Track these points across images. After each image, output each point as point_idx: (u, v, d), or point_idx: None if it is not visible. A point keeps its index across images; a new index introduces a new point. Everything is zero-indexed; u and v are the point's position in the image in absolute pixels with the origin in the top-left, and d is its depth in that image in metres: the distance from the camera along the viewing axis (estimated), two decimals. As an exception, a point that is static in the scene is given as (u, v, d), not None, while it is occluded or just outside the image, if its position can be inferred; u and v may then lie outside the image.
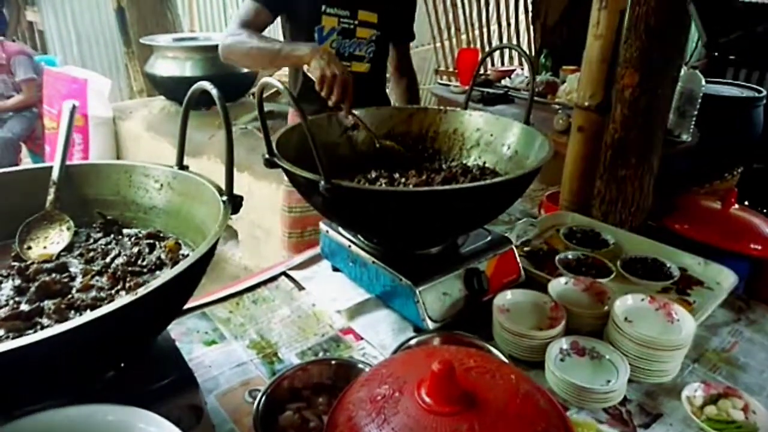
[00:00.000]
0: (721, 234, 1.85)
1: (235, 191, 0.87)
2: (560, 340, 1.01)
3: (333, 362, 0.92)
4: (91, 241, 0.96)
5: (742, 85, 3.04)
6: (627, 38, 1.53)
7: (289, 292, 1.30)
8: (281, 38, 1.77)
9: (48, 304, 0.76)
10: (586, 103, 1.61)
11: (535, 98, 3.43)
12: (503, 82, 3.73)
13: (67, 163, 1.02)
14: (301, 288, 1.31)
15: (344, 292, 1.28)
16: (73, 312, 0.76)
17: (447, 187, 1.15)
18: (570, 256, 1.34)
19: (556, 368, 0.95)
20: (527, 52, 1.42)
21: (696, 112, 2.47)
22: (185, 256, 0.90)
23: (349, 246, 1.26)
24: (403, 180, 1.27)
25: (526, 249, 1.44)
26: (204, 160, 3.03)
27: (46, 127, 3.89)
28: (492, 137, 1.36)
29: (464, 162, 1.39)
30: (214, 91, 0.88)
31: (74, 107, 1.04)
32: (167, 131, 3.46)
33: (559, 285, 1.16)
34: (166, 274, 0.66)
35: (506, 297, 1.11)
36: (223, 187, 0.90)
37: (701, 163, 2.59)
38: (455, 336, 1.01)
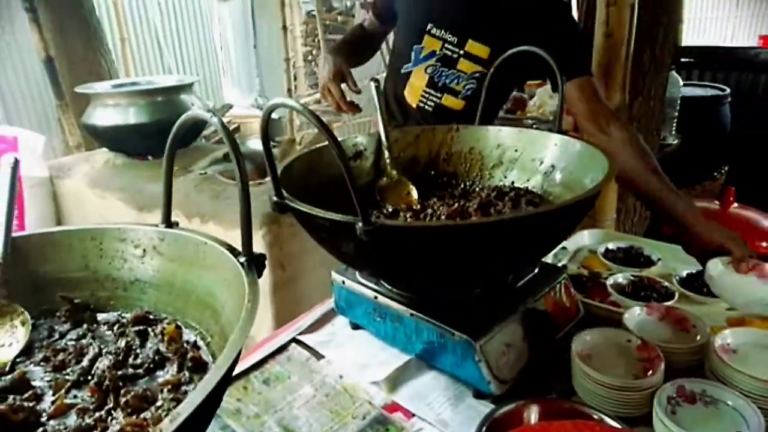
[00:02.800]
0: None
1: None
2: (664, 386, 0.82)
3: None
4: (57, 336, 0.70)
5: (706, 85, 3.07)
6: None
7: (305, 364, 1.06)
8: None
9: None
10: (602, 109, 1.48)
11: (505, 115, 3.35)
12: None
13: (13, 235, 0.77)
14: (319, 357, 1.08)
15: (374, 356, 1.05)
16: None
17: (529, 212, 0.95)
18: (621, 280, 1.18)
19: (672, 424, 0.76)
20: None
21: (677, 114, 2.44)
22: (192, 344, 0.66)
23: (375, 297, 1.04)
24: (429, 211, 1.08)
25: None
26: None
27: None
28: (517, 153, 1.19)
29: (489, 184, 1.21)
30: (214, 120, 0.67)
31: (17, 161, 0.79)
32: (115, 186, 3.12)
33: (634, 317, 0.99)
34: (203, 387, 0.43)
35: (585, 339, 0.91)
36: (233, 244, 0.68)
37: (687, 164, 2.55)
38: (550, 402, 0.80)
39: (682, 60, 3.34)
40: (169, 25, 6.28)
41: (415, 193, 1.21)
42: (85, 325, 0.71)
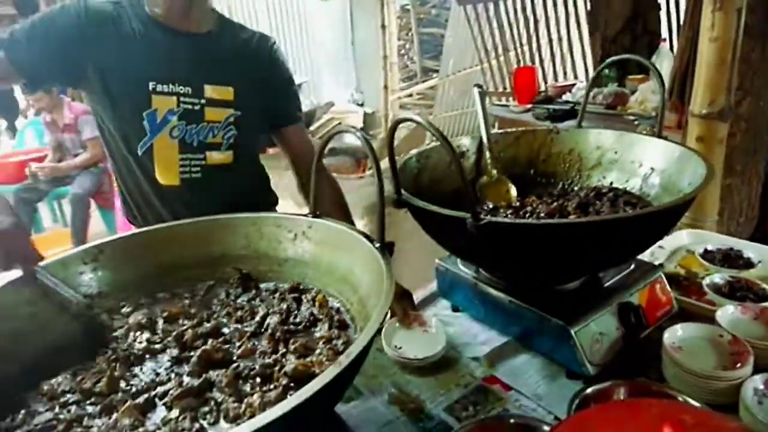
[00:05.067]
0: None
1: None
2: (753, 379, 0.88)
3: (512, 420, 0.82)
4: (233, 297, 0.90)
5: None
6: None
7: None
8: (102, 133, 1.32)
9: (215, 376, 0.70)
10: (705, 111, 1.49)
11: (605, 110, 3.28)
12: (564, 97, 3.62)
13: (190, 220, 0.98)
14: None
15: (474, 336, 1.18)
16: (241, 382, 0.69)
17: (626, 214, 1.04)
18: (718, 280, 1.21)
19: (759, 412, 0.82)
20: (650, 63, 1.31)
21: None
22: (336, 310, 0.83)
23: (475, 284, 1.16)
24: (528, 209, 1.18)
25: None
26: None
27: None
28: (617, 155, 1.26)
29: (587, 184, 1.29)
30: (358, 134, 0.82)
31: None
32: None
33: (727, 315, 1.04)
34: (361, 338, 0.58)
35: (677, 333, 0.98)
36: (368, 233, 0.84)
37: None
38: (639, 384, 0.89)
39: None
40: (275, 23, 6.69)
41: (514, 191, 1.31)
42: (253, 291, 0.90)
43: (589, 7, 3.67)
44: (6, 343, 0.77)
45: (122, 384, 0.73)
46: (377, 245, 0.80)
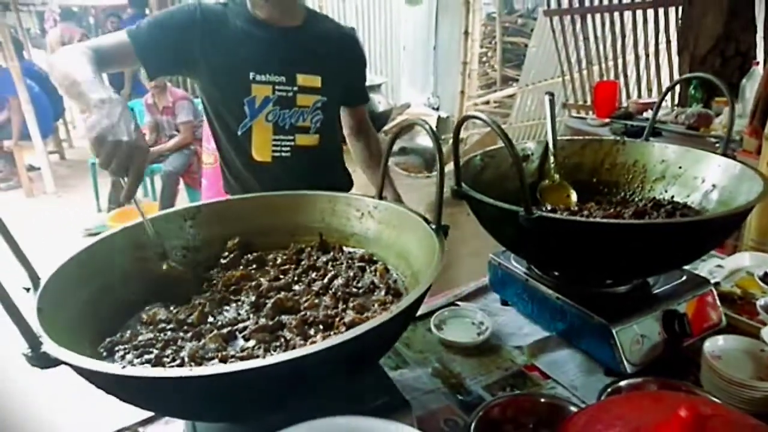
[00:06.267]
0: None
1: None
2: (791, 392, 0.90)
3: (542, 399, 0.89)
4: (314, 258, 1.03)
5: None
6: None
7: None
8: (207, 118, 1.53)
9: (286, 319, 0.82)
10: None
11: (686, 130, 3.19)
12: (645, 114, 3.54)
13: (278, 193, 1.13)
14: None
15: (519, 328, 1.25)
16: (307, 327, 0.81)
17: (670, 220, 1.09)
18: (775, 302, 1.21)
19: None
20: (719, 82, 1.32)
21: None
22: (393, 281, 0.94)
23: (526, 279, 1.23)
24: (585, 213, 1.23)
25: (716, 292, 1.31)
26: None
27: (204, 162, 4.33)
28: (681, 170, 1.28)
29: (648, 196, 1.32)
30: (426, 126, 0.92)
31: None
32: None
33: (775, 333, 1.04)
34: (411, 294, 0.69)
35: (717, 343, 1.01)
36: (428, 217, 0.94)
37: None
38: (670, 383, 0.94)
39: None
40: (363, 25, 6.91)
41: (574, 197, 1.37)
42: (331, 253, 1.03)
43: (679, 25, 3.56)
44: (116, 278, 0.93)
45: (210, 319, 0.87)
46: (433, 227, 0.89)
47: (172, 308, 0.91)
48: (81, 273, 0.85)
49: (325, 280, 0.94)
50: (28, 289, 0.75)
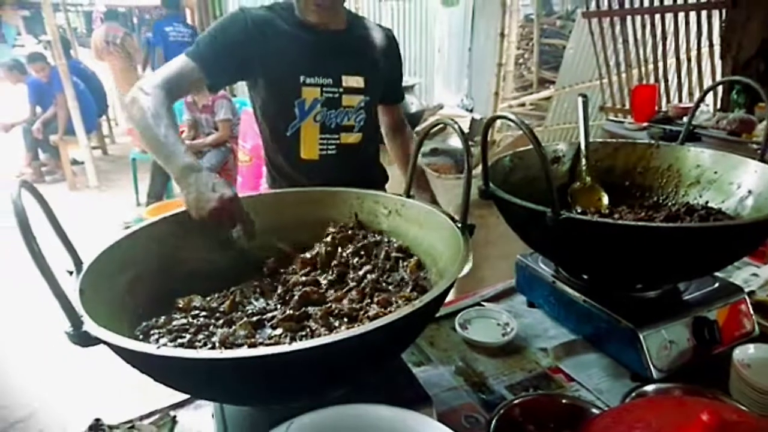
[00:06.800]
0: None
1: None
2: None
3: (564, 401, 0.89)
4: (339, 249, 1.05)
5: None
6: None
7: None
8: (257, 115, 1.58)
9: (312, 311, 0.85)
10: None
11: (728, 137, 3.09)
12: (685, 119, 3.45)
13: (309, 189, 1.15)
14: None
15: (545, 330, 1.25)
16: (332, 319, 0.83)
17: (704, 224, 1.07)
18: (813, 313, 1.17)
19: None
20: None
21: None
22: (423, 278, 0.95)
23: (553, 282, 1.23)
24: (616, 216, 1.22)
25: (751, 300, 1.28)
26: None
27: (240, 160, 4.43)
28: (716, 175, 1.25)
29: (682, 200, 1.29)
30: (456, 126, 0.93)
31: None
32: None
33: (810, 344, 1.01)
34: (434, 290, 0.70)
35: (748, 351, 0.99)
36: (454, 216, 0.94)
37: None
38: (697, 389, 0.92)
39: None
40: (398, 26, 6.93)
41: (605, 200, 1.35)
42: (376, 236, 1.06)
43: (723, 29, 3.46)
44: (154, 266, 0.98)
45: (240, 308, 0.90)
46: (459, 225, 0.90)
47: (205, 296, 0.95)
48: (121, 259, 0.89)
49: (361, 272, 0.95)
50: (71, 273, 0.80)
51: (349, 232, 1.07)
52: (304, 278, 0.96)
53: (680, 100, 4.28)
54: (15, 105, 6.72)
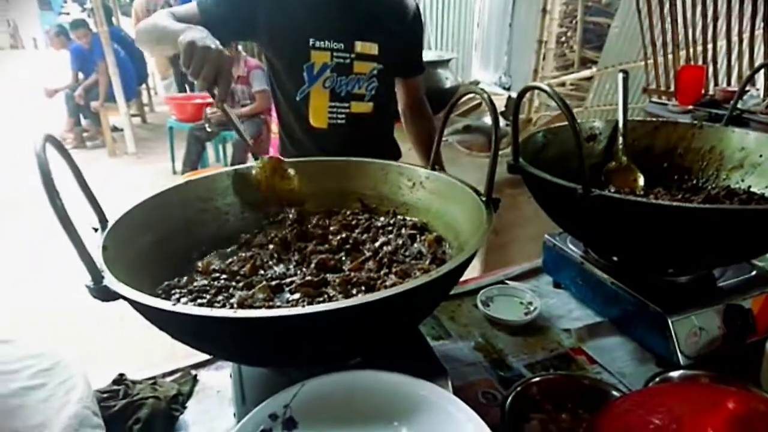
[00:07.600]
0: None
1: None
2: None
3: (585, 381, 0.87)
4: (354, 222, 1.05)
5: None
6: None
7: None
8: (269, 83, 1.59)
9: (330, 278, 0.84)
10: None
11: (776, 121, 2.91)
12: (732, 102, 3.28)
13: (332, 158, 1.14)
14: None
15: (570, 312, 1.22)
16: (350, 286, 0.83)
17: (742, 207, 1.02)
18: None
19: None
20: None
21: None
22: (442, 252, 0.94)
23: (582, 263, 1.19)
24: (651, 198, 1.17)
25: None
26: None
27: (273, 131, 4.46)
28: (761, 158, 1.19)
29: (723, 184, 1.23)
30: (485, 95, 0.90)
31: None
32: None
33: None
34: (453, 260, 0.69)
35: (783, 342, 0.94)
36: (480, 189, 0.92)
37: None
38: (724, 377, 0.89)
39: None
40: (434, 1, 6.78)
41: (641, 181, 1.30)
42: (385, 218, 1.05)
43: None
44: (178, 228, 0.99)
45: (260, 271, 0.91)
46: (484, 199, 0.88)
47: (225, 259, 0.96)
48: (146, 219, 0.90)
49: (377, 245, 0.95)
50: (96, 230, 0.81)
51: (353, 221, 1.06)
52: (320, 247, 0.96)
53: (729, 84, 4.07)
54: (59, 71, 6.92)
